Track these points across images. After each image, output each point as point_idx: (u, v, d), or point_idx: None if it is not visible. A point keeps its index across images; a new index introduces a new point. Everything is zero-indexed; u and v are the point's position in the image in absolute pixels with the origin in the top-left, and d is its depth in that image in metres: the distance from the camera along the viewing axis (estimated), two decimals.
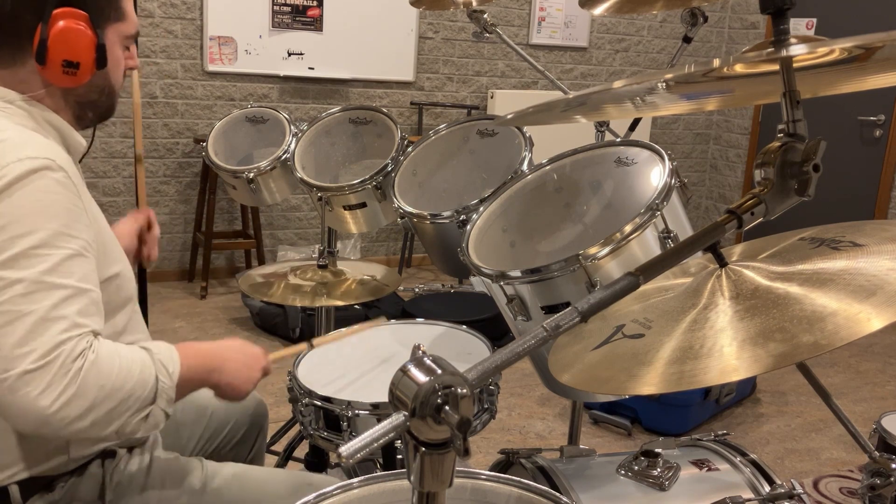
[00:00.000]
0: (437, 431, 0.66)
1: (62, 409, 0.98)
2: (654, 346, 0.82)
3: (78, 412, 0.99)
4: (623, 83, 0.80)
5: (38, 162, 1.04)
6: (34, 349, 0.97)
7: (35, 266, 1.00)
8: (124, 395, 1.03)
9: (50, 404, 0.97)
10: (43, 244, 1.01)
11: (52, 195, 1.04)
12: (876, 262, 0.79)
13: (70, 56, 1.15)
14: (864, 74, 0.90)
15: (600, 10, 1.77)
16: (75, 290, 1.02)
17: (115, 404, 1.02)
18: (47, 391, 0.97)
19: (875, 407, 3.42)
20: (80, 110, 1.23)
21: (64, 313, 1.00)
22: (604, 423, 3.09)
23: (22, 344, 0.96)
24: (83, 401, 0.99)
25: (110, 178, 4.41)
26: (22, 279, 0.98)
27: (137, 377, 1.05)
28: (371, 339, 1.81)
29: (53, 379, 0.97)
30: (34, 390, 0.96)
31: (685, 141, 6.03)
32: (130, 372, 1.04)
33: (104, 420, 1.01)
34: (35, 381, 0.96)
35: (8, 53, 1.14)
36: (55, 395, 0.97)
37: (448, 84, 5.12)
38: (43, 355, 0.97)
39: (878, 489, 1.09)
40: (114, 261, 1.18)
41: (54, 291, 1.00)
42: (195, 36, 4.43)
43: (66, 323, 0.99)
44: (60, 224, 1.03)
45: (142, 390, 1.05)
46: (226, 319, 4.08)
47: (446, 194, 1.79)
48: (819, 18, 5.15)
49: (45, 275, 1.00)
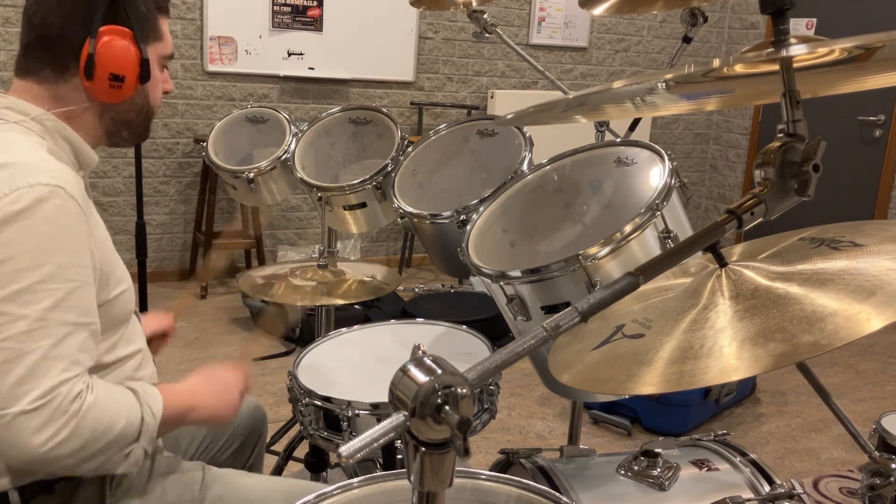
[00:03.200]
0: (437, 431, 0.66)
1: (54, 448, 1.00)
2: (654, 346, 0.82)
3: (68, 452, 1.01)
4: (623, 83, 0.80)
5: (46, 189, 1.04)
6: (32, 389, 0.99)
7: (39, 302, 1.01)
8: (113, 437, 1.06)
9: (42, 443, 0.99)
10: (48, 278, 1.02)
11: (60, 225, 1.05)
12: (876, 262, 0.79)
13: (116, 70, 1.18)
14: (864, 74, 0.90)
15: (600, 10, 1.77)
16: (76, 326, 1.04)
17: (103, 445, 1.05)
18: (42, 431, 0.99)
19: (875, 407, 3.42)
20: (115, 128, 1.25)
21: (64, 352, 1.02)
22: (604, 423, 3.09)
23: (21, 384, 0.98)
24: (76, 441, 1.02)
25: (110, 178, 4.41)
26: (25, 316, 1.00)
27: (126, 419, 1.08)
28: (371, 339, 1.81)
29: (49, 420, 0.99)
30: (29, 430, 0.98)
31: (685, 141, 6.03)
32: (120, 414, 1.07)
33: (90, 458, 1.05)
34: (30, 421, 0.98)
35: (52, 71, 1.17)
36: (48, 435, 0.99)
37: (448, 84, 5.12)
38: (41, 396, 0.99)
39: (878, 489, 1.09)
40: (118, 281, 1.19)
41: (56, 329, 1.02)
42: (195, 36, 4.43)
43: (65, 362, 1.02)
44: (66, 256, 1.05)
45: (128, 430, 1.08)
46: (226, 319, 4.08)
47: (446, 194, 1.79)
48: (819, 18, 5.15)
49: (48, 311, 1.01)
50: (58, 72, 1.17)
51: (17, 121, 1.14)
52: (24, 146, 1.10)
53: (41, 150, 1.11)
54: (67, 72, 1.17)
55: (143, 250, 3.31)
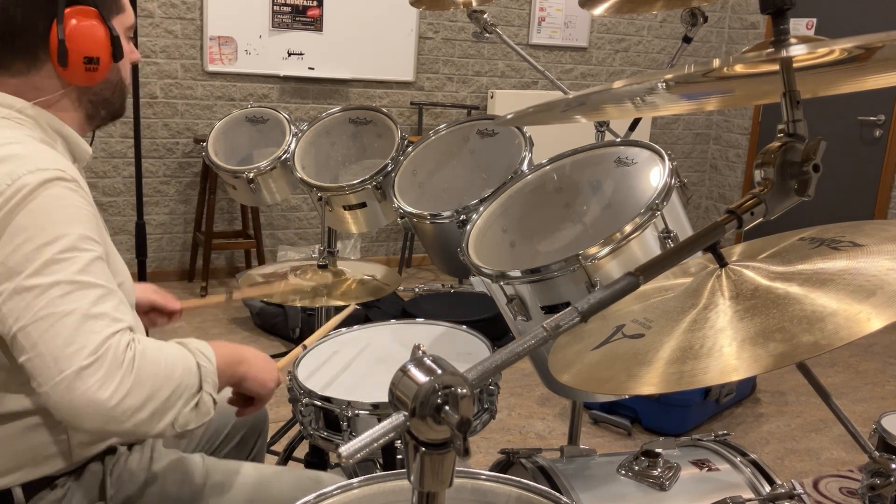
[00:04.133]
0: (437, 431, 0.66)
1: (123, 400, 0.98)
2: (654, 346, 0.82)
3: (138, 402, 0.99)
4: (623, 83, 0.80)
5: (50, 173, 1.05)
6: (84, 346, 0.97)
7: (66, 269, 1.00)
8: (175, 384, 1.04)
9: (110, 396, 0.97)
10: (69, 248, 1.02)
11: (69, 200, 1.05)
12: (876, 262, 0.79)
13: (89, 52, 1.16)
14: (864, 74, 0.90)
15: (600, 10, 1.77)
16: (107, 290, 1.03)
17: (169, 392, 1.03)
18: (105, 384, 0.97)
19: (875, 407, 3.42)
20: (94, 109, 1.24)
21: (103, 310, 1.01)
22: (604, 423, 3.09)
23: (70, 343, 0.97)
24: (141, 390, 1.00)
25: (110, 178, 4.41)
26: (57, 282, 0.99)
27: (183, 366, 1.06)
28: (371, 339, 1.81)
29: (109, 371, 0.97)
30: (93, 385, 0.96)
31: (685, 141, 6.03)
32: (176, 361, 1.06)
33: (161, 410, 1.02)
34: (92, 376, 0.97)
35: (22, 63, 1.15)
36: (114, 386, 0.97)
37: (448, 84, 5.12)
38: (94, 350, 0.97)
39: (878, 489, 1.09)
40: (116, 272, 1.19)
41: (90, 290, 1.01)
42: (195, 36, 4.43)
43: (107, 319, 1.00)
44: (82, 228, 1.05)
45: (189, 378, 1.06)
46: (226, 319, 4.08)
47: (446, 194, 1.79)
48: (819, 18, 5.15)
49: (78, 275, 1.01)
50: (29, 62, 1.15)
51: (5, 115, 1.13)
52: (20, 140, 1.10)
53: (36, 143, 1.11)
54: (38, 60, 1.15)
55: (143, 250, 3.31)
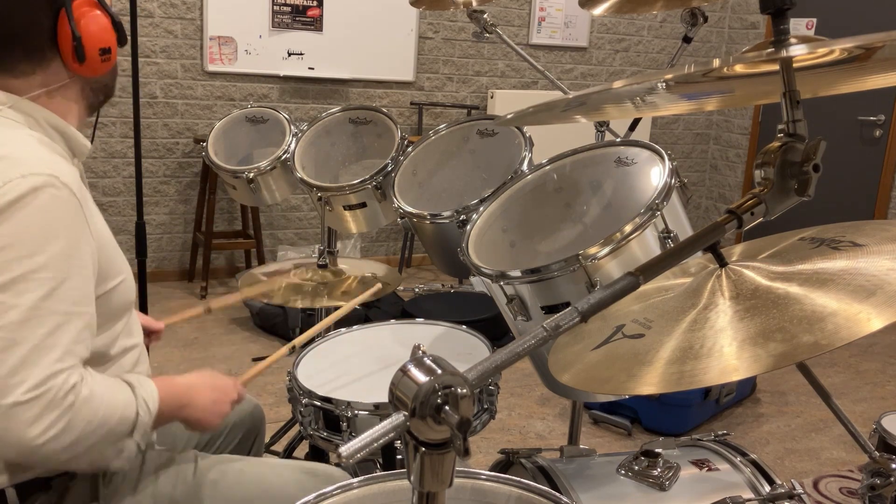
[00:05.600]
0: (437, 431, 0.66)
1: (48, 442, 0.99)
2: (654, 346, 0.82)
3: (62, 445, 1.00)
4: (623, 83, 0.80)
5: (40, 179, 1.03)
6: (25, 379, 0.97)
7: (33, 291, 1.00)
8: (107, 431, 1.05)
9: (38, 436, 0.98)
10: (42, 267, 1.01)
11: (54, 214, 1.04)
12: (876, 262, 0.79)
13: (102, 43, 1.16)
14: (864, 74, 0.90)
15: (600, 10, 1.77)
16: (70, 316, 1.03)
17: (96, 440, 1.04)
18: (36, 423, 0.98)
19: (875, 407, 3.42)
20: (94, 97, 1.24)
21: (57, 342, 1.00)
22: (604, 423, 3.09)
23: (14, 373, 0.97)
24: (70, 435, 1.00)
25: (110, 178, 4.41)
26: (18, 305, 0.99)
27: (121, 413, 1.07)
28: (371, 339, 1.81)
29: (43, 411, 0.98)
30: (24, 421, 0.97)
31: (685, 141, 6.03)
32: (115, 408, 1.06)
33: (84, 452, 1.04)
34: (25, 413, 0.97)
35: (28, 64, 1.13)
36: (43, 427, 0.98)
37: (448, 84, 5.12)
38: (35, 386, 0.97)
39: (878, 489, 1.09)
40: (117, 271, 1.18)
41: (50, 318, 1.00)
42: (195, 36, 4.43)
43: (59, 352, 1.00)
44: (62, 245, 1.03)
45: (123, 426, 1.07)
46: (226, 319, 4.08)
47: (446, 194, 1.79)
48: (819, 18, 5.15)
49: (42, 301, 1.00)
50: (35, 62, 1.14)
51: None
52: (16, 139, 1.09)
53: (33, 142, 1.10)
54: (45, 59, 1.14)
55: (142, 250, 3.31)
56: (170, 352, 3.59)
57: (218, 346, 3.73)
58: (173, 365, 3.43)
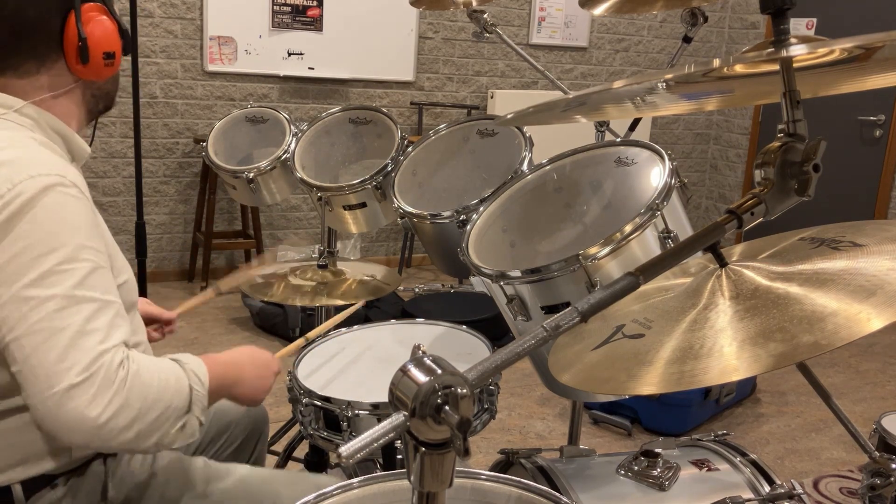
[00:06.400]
0: (437, 431, 0.66)
1: (111, 419, 0.98)
2: (654, 346, 0.82)
3: (125, 422, 1.00)
4: (623, 83, 0.80)
5: (49, 179, 1.04)
6: (76, 362, 0.97)
7: (63, 282, 1.00)
8: (165, 405, 1.04)
9: (99, 414, 0.97)
10: (67, 259, 1.02)
11: (69, 209, 1.04)
12: (876, 262, 0.79)
13: (108, 47, 1.17)
14: (864, 74, 0.90)
15: (600, 10, 1.77)
16: (103, 303, 1.03)
17: (157, 414, 1.03)
18: (95, 402, 0.97)
19: (875, 407, 3.42)
20: (94, 104, 1.25)
21: (97, 325, 1.01)
22: (604, 423, 3.09)
23: (62, 359, 0.97)
24: (130, 411, 1.00)
25: (110, 178, 4.41)
26: (53, 296, 0.99)
27: (175, 387, 1.06)
28: (371, 339, 1.81)
29: (99, 390, 0.98)
30: (82, 402, 0.97)
31: (685, 141, 6.03)
32: (168, 382, 1.05)
33: (147, 430, 1.03)
34: (82, 394, 0.97)
35: (33, 63, 1.15)
36: (103, 405, 0.98)
37: (448, 84, 5.12)
38: (85, 367, 0.98)
39: (878, 489, 1.09)
40: (119, 270, 1.19)
41: (85, 305, 1.01)
42: (195, 36, 4.43)
43: (100, 335, 1.00)
44: (81, 237, 1.04)
45: (179, 400, 1.06)
46: (226, 319, 4.08)
47: (446, 194, 1.79)
48: (819, 18, 5.15)
49: (74, 289, 1.01)
50: (39, 61, 1.15)
51: (1, 115, 1.13)
52: (18, 142, 1.09)
53: (35, 145, 1.11)
54: (49, 59, 1.15)
55: (142, 250, 3.32)
56: (170, 351, 3.58)
57: (218, 346, 3.73)
58: None
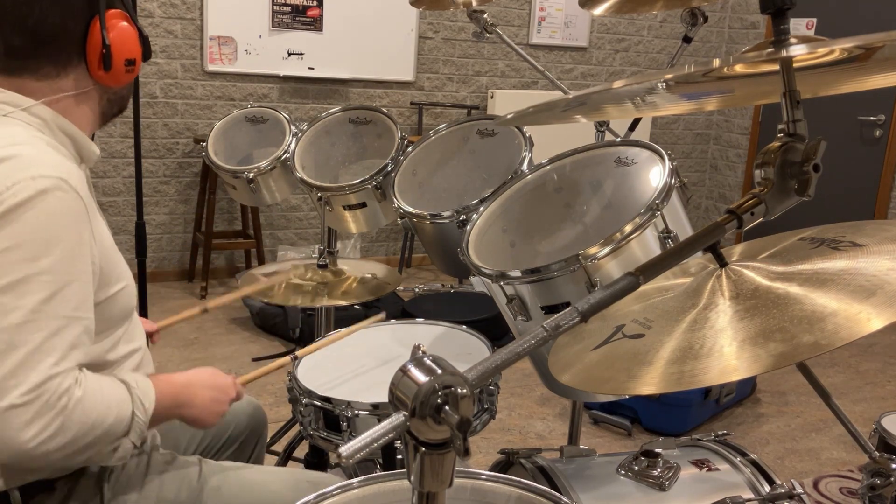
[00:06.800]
0: (437, 431, 0.66)
1: (42, 444, 0.99)
2: (654, 346, 0.82)
3: (56, 447, 1.01)
4: (623, 83, 0.80)
5: (49, 181, 1.04)
6: (21, 382, 0.98)
7: (34, 294, 1.00)
8: (102, 431, 1.05)
9: (31, 438, 0.98)
10: (45, 271, 1.01)
11: (60, 217, 1.04)
12: (876, 262, 0.79)
13: (129, 54, 1.19)
14: (864, 74, 0.90)
15: (600, 10, 1.77)
16: (70, 320, 1.03)
17: (91, 439, 1.04)
18: (31, 426, 0.98)
19: (875, 407, 3.42)
20: (109, 108, 1.25)
21: (56, 345, 1.01)
22: (604, 423, 3.09)
23: (11, 376, 0.98)
24: (64, 437, 1.01)
25: (110, 178, 4.41)
26: (19, 307, 0.99)
27: (116, 414, 1.07)
28: (371, 339, 1.81)
29: (37, 414, 0.98)
30: (18, 425, 0.97)
31: (685, 141, 6.03)
32: (110, 409, 1.06)
33: (78, 452, 1.04)
34: (20, 416, 0.97)
35: (52, 66, 1.15)
36: (37, 429, 0.98)
37: (448, 84, 5.12)
38: (30, 390, 0.98)
39: (878, 489, 1.09)
40: (118, 277, 1.18)
41: (49, 322, 1.01)
42: (195, 36, 4.43)
43: (56, 356, 1.01)
44: (65, 249, 1.04)
45: (118, 426, 1.07)
46: (226, 319, 4.08)
47: (446, 194, 1.79)
48: (819, 18, 5.15)
49: (43, 304, 1.01)
50: (60, 66, 1.15)
51: (8, 113, 1.12)
52: (25, 140, 1.09)
53: (42, 144, 1.11)
54: (70, 64, 1.16)
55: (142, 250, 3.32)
56: (170, 352, 3.59)
57: (218, 346, 3.73)
58: (173, 365, 3.43)
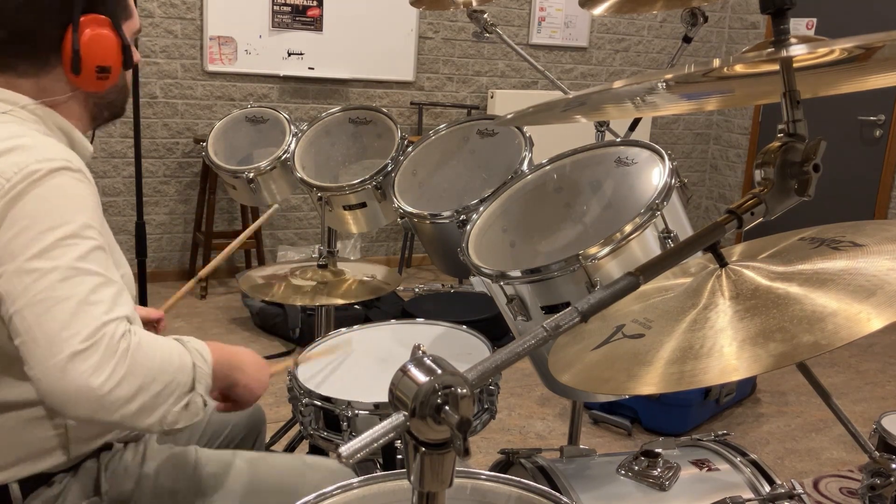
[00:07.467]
0: (437, 431, 0.66)
1: (114, 389, 0.97)
2: (654, 346, 0.82)
3: (128, 393, 0.98)
4: (623, 83, 0.80)
5: (57, 163, 1.05)
6: (79, 331, 0.96)
7: (67, 255, 1.00)
8: (168, 379, 1.03)
9: (102, 383, 0.96)
10: (71, 235, 1.01)
11: (75, 191, 1.05)
12: (876, 262, 0.79)
13: (102, 62, 1.18)
14: (864, 74, 0.90)
15: (600, 10, 1.77)
16: (106, 279, 1.03)
17: (160, 388, 1.02)
18: (98, 371, 0.96)
19: (875, 407, 3.42)
20: (98, 111, 1.26)
21: (101, 297, 1.00)
22: (604, 423, 3.09)
23: (66, 327, 0.96)
24: (133, 381, 0.98)
25: (110, 177, 4.41)
26: (57, 267, 0.99)
27: (178, 363, 1.05)
28: (371, 339, 1.81)
29: (102, 358, 0.97)
30: (86, 370, 0.96)
31: (685, 141, 6.03)
32: (171, 358, 1.04)
33: (150, 405, 1.01)
34: (85, 362, 0.96)
35: (30, 65, 1.16)
36: (107, 373, 0.96)
37: (448, 84, 5.12)
38: (89, 336, 0.97)
39: (878, 489, 1.09)
40: (118, 263, 1.18)
41: (88, 277, 1.00)
42: (195, 36, 4.43)
43: (104, 306, 1.00)
44: (86, 217, 1.04)
45: (182, 376, 1.05)
46: (226, 319, 4.08)
47: (446, 194, 1.79)
48: (819, 18, 5.15)
49: (78, 261, 1.00)
50: (38, 65, 1.16)
51: (6, 111, 1.13)
52: (26, 133, 1.10)
53: (42, 136, 1.12)
54: (48, 64, 1.16)
55: (142, 250, 3.33)
56: None
57: None
58: None
